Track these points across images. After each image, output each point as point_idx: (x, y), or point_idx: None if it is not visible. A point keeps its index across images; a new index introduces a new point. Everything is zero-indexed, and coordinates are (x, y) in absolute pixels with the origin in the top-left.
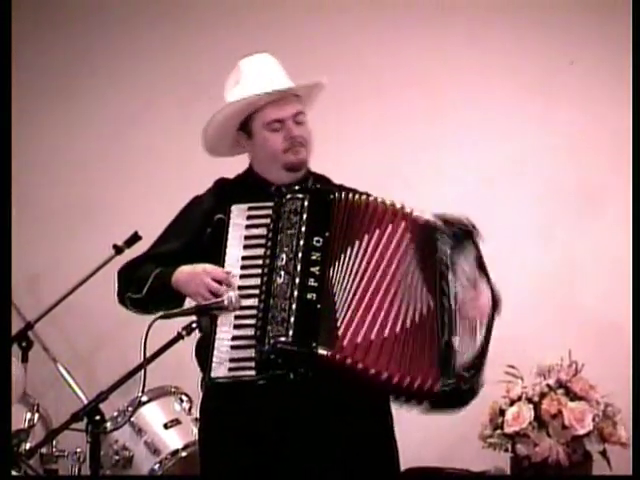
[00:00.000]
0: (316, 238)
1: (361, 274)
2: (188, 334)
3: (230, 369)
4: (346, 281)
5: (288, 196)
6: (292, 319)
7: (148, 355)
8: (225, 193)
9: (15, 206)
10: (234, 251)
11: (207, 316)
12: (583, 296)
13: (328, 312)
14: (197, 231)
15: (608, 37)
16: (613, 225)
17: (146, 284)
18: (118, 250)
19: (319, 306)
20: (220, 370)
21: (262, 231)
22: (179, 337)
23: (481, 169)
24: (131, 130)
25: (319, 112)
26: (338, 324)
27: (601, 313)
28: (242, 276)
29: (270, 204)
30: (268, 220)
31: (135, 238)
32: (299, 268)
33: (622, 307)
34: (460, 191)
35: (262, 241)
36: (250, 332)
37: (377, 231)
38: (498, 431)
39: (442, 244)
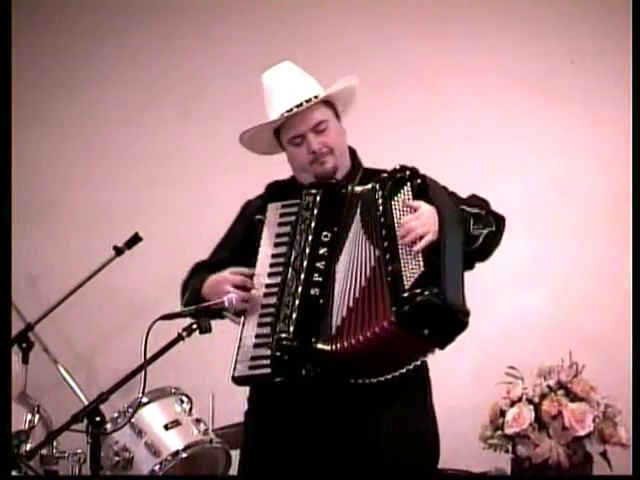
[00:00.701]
0: (325, 233)
1: (346, 265)
2: (188, 335)
3: (250, 367)
4: (340, 275)
5: (303, 192)
6: (294, 315)
7: (148, 356)
8: (271, 195)
9: (15, 206)
10: (266, 249)
11: (206, 317)
12: (583, 297)
13: (329, 305)
14: (243, 239)
15: (609, 36)
16: (613, 225)
17: (186, 297)
18: (118, 251)
19: (322, 301)
20: (241, 369)
21: (289, 229)
22: (179, 338)
23: (480, 167)
24: (131, 130)
25: None
26: (335, 318)
27: (601, 314)
28: (270, 274)
29: (298, 201)
30: (294, 218)
31: (135, 239)
32: (305, 264)
33: (622, 308)
34: (458, 189)
35: (287, 239)
36: (269, 330)
37: (355, 218)
38: (498, 432)
39: (374, 198)
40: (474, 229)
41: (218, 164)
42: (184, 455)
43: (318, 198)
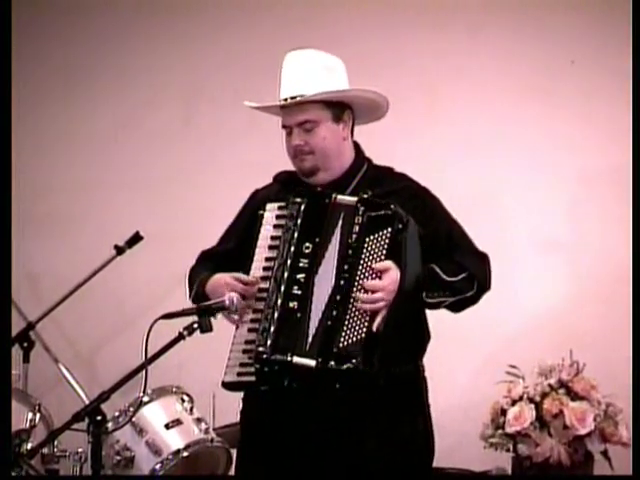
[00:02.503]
0: (306, 244)
1: (322, 279)
2: (189, 334)
3: (238, 374)
4: (318, 287)
5: (290, 200)
6: (272, 328)
7: (149, 355)
8: (279, 188)
9: (16, 206)
10: (261, 251)
11: (208, 316)
12: (584, 296)
13: (304, 318)
14: (247, 229)
15: (609, 36)
16: (614, 225)
17: (194, 289)
18: (119, 250)
19: (299, 315)
20: (230, 374)
21: (281, 233)
22: (180, 337)
23: (480, 167)
24: (132, 130)
25: None
26: (312, 333)
27: (602, 313)
28: (262, 278)
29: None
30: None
31: (136, 238)
32: (286, 275)
33: (623, 307)
34: (458, 190)
35: (279, 244)
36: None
37: (335, 230)
38: (499, 431)
39: (355, 225)
40: (435, 296)
41: (218, 164)
42: (185, 454)
43: (302, 207)
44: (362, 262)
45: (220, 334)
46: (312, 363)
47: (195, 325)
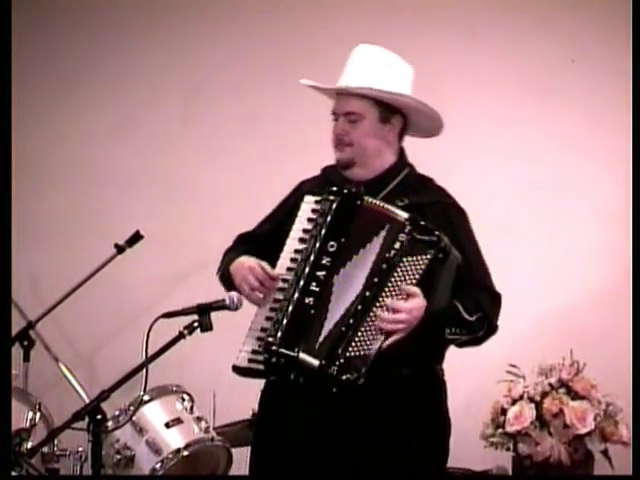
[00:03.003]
0: (331, 243)
1: (343, 280)
2: (190, 333)
3: (249, 360)
4: (339, 289)
5: (324, 196)
6: (285, 321)
7: (150, 354)
8: (323, 181)
9: (16, 205)
10: (292, 242)
11: (208, 315)
12: (584, 295)
13: (320, 317)
14: (285, 217)
15: (610, 35)
16: (614, 225)
17: (222, 268)
18: (120, 249)
19: (313, 311)
20: (242, 359)
21: (311, 226)
22: (181, 336)
23: (480, 167)
24: (131, 130)
25: (318, 112)
26: (323, 332)
27: (602, 312)
28: (288, 269)
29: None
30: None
31: (136, 237)
32: (307, 271)
33: (623, 306)
34: (458, 189)
35: (308, 237)
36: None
37: (374, 238)
38: (500, 430)
39: (397, 241)
40: (453, 333)
41: (218, 163)
42: (185, 453)
43: (334, 206)
44: (393, 280)
45: (220, 333)
46: (315, 363)
47: (195, 324)
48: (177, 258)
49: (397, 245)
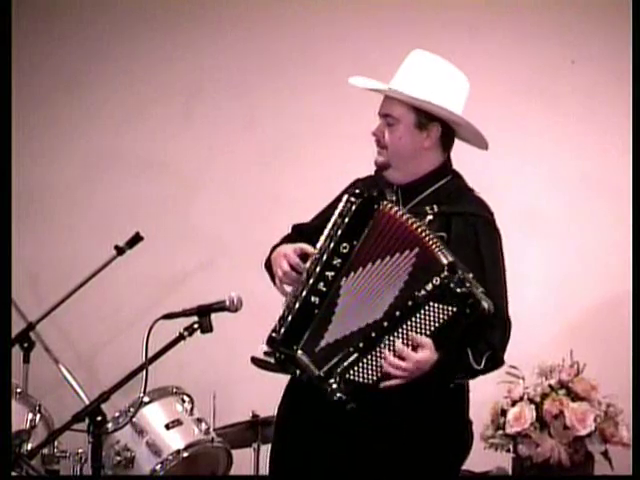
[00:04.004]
0: (344, 244)
1: (362, 295)
2: (190, 335)
3: (265, 353)
4: (349, 296)
5: (346, 197)
6: (289, 317)
7: (150, 356)
8: (370, 181)
9: (16, 205)
10: (326, 239)
11: (208, 317)
12: (585, 296)
13: (324, 319)
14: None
15: (610, 36)
16: (615, 224)
17: (267, 257)
18: (120, 251)
19: (317, 311)
20: (259, 351)
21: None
22: (181, 338)
23: (479, 167)
24: (131, 129)
25: (318, 113)
26: (325, 334)
27: (602, 313)
28: None
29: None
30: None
31: (136, 239)
32: (317, 270)
33: (623, 307)
34: None
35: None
36: None
37: (397, 254)
38: (500, 432)
39: (430, 283)
40: (458, 378)
41: (218, 162)
42: (185, 454)
43: (354, 208)
44: (413, 320)
45: (220, 335)
46: (315, 372)
47: (195, 325)
48: (177, 259)
49: (429, 287)
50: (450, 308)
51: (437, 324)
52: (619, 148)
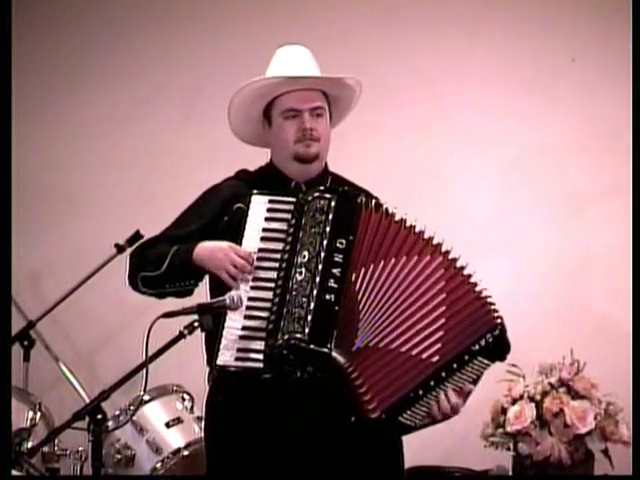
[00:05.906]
0: (340, 240)
1: (391, 295)
2: (190, 333)
3: (237, 358)
4: (374, 295)
5: (316, 194)
6: (309, 317)
7: (150, 354)
8: (244, 184)
9: (16, 204)
10: (251, 242)
11: (209, 315)
12: (585, 295)
13: (348, 317)
14: (214, 218)
15: (610, 34)
16: (615, 224)
17: (165, 261)
18: (120, 249)
19: (337, 308)
20: (227, 358)
21: (281, 225)
22: (181, 336)
23: (480, 165)
24: (132, 128)
25: None
26: (358, 333)
27: (602, 312)
28: (257, 268)
29: (292, 199)
30: (288, 215)
31: (137, 237)
32: (320, 267)
33: (623, 305)
34: (457, 187)
35: (281, 235)
36: (260, 324)
37: (404, 258)
38: (500, 430)
39: (482, 338)
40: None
41: (218, 162)
42: (185, 453)
43: (333, 203)
44: (463, 372)
45: None
46: (351, 367)
47: (196, 324)
48: None
49: (482, 343)
50: (489, 363)
51: (474, 376)
52: (619, 147)
